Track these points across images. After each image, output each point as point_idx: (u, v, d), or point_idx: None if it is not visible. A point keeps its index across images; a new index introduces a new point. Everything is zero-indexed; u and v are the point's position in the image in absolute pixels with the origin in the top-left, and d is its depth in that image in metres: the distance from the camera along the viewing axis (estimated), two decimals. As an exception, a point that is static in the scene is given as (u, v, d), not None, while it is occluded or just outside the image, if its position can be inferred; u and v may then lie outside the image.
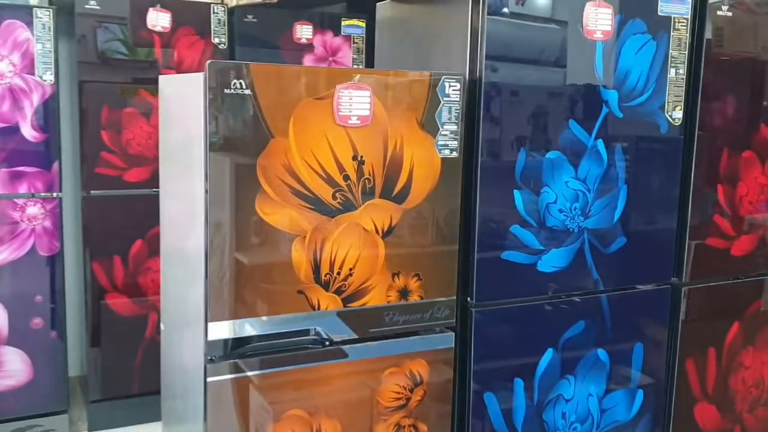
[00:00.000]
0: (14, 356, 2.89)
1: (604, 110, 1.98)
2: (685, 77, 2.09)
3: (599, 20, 1.95)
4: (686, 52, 2.09)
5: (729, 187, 2.20)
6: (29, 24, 2.78)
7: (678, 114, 2.10)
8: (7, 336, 2.86)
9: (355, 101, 1.68)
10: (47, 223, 2.89)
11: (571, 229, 1.97)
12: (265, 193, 1.62)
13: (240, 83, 1.55)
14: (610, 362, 2.09)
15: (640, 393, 2.15)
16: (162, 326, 2.24)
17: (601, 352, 2.08)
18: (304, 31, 3.25)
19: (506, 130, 1.87)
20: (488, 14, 1.80)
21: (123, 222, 3.08)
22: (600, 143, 1.98)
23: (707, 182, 2.17)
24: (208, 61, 1.52)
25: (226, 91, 1.54)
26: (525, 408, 1.98)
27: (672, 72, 2.08)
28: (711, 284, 2.23)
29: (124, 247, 3.10)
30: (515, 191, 1.88)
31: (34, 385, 2.93)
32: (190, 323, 1.76)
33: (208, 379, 1.63)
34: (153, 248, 3.09)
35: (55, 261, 2.93)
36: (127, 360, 3.18)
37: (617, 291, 2.08)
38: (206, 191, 1.58)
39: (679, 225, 2.15)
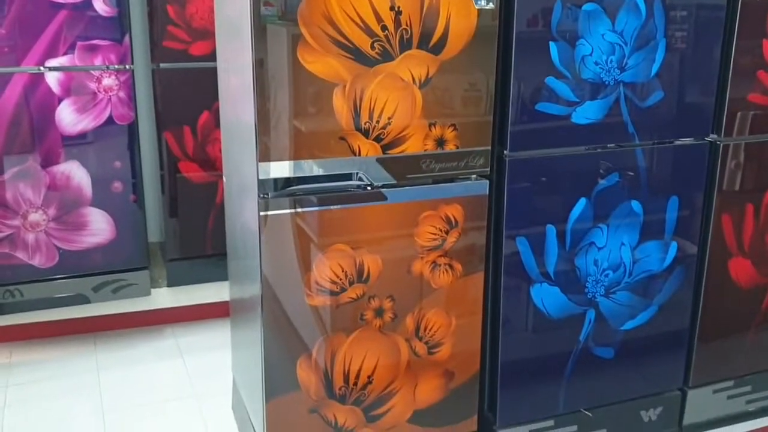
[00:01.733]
0: (98, 216, 3.17)
1: (645, -38, 1.98)
2: (733, -75, 2.06)
3: None
4: None
5: (775, 43, 2.19)
6: None
7: (724, -34, 2.07)
8: (91, 198, 3.14)
9: (392, -48, 1.75)
10: (122, 94, 3.09)
11: (606, 82, 2.02)
12: (306, 42, 1.73)
13: (279, -68, 1.64)
14: (644, 214, 2.17)
15: (673, 245, 2.24)
16: (225, 191, 2.43)
17: (635, 204, 2.15)
18: None
19: (542, -19, 1.90)
20: None
21: (191, 94, 3.26)
22: (639, -5, 2.00)
23: (751, 36, 2.15)
24: None
25: (266, -60, 1.64)
26: (557, 253, 2.10)
27: None
28: (751, 141, 2.25)
29: (193, 118, 3.30)
30: (551, 43, 1.94)
31: (117, 243, 3.22)
32: (247, 181, 1.93)
33: (261, 213, 1.81)
34: (219, 120, 3.28)
35: (130, 129, 3.15)
36: (201, 224, 3.44)
37: (653, 144, 2.14)
38: (252, 37, 1.71)
39: (720, 80, 2.16)
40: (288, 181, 1.84)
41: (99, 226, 3.19)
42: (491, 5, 1.89)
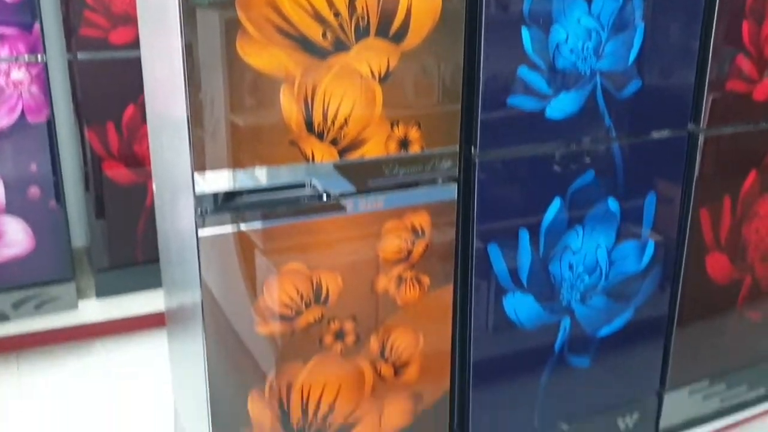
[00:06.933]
0: (14, 225, 2.85)
1: (621, -63, 1.80)
2: None
3: None
4: None
5: (754, 25, 2.03)
6: None
7: (702, -58, 1.91)
8: (5, 205, 2.82)
9: (344, -73, 1.51)
10: (34, 89, 2.77)
11: (582, 72, 1.83)
12: (246, 32, 1.48)
13: None
14: (621, 213, 2.01)
15: (651, 244, 2.08)
16: (155, 192, 2.17)
17: (612, 202, 1.99)
18: None
19: (512, -40, 1.70)
20: None
21: (113, 86, 2.95)
22: (616, -25, 1.81)
23: (731, 18, 2.00)
24: None
25: None
26: (530, 260, 1.91)
27: None
28: (730, 131, 2.11)
29: (117, 113, 2.99)
30: (523, 28, 1.73)
31: (37, 254, 2.91)
32: (179, 184, 1.68)
33: (200, 234, 1.56)
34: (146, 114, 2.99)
35: (46, 128, 2.83)
36: (130, 229, 3.15)
37: (630, 138, 1.97)
38: (181, 31, 1.45)
39: (699, 67, 2.00)
40: (229, 195, 1.59)
41: (15, 237, 2.86)
42: (457, -13, 1.67)
